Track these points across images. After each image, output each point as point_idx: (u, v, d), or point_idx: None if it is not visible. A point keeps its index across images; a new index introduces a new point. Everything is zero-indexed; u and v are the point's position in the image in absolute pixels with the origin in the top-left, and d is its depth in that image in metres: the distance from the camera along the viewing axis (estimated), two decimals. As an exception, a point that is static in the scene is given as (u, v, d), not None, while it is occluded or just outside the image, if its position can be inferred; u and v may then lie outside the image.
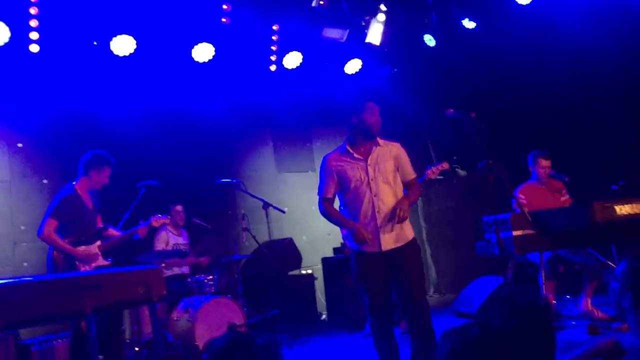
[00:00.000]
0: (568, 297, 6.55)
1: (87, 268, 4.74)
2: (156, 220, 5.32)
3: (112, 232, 5.08)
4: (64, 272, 4.62)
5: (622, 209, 4.59)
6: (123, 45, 6.21)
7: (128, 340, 5.56)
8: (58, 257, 4.68)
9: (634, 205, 4.65)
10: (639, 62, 6.75)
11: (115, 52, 6.22)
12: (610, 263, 5.41)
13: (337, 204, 4.28)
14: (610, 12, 6.68)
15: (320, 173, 4.20)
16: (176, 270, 6.32)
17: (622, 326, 4.72)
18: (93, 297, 3.18)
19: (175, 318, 5.65)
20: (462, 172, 6.88)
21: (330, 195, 4.13)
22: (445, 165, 5.78)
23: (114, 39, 6.18)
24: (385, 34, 7.08)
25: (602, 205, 4.56)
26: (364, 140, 4.08)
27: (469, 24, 7.31)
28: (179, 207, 6.41)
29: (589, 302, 5.52)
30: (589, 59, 7.07)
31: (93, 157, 4.88)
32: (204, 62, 6.80)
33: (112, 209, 5.39)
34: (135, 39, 6.22)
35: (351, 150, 4.09)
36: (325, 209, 4.15)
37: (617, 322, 4.94)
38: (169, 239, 6.36)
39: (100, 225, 5.00)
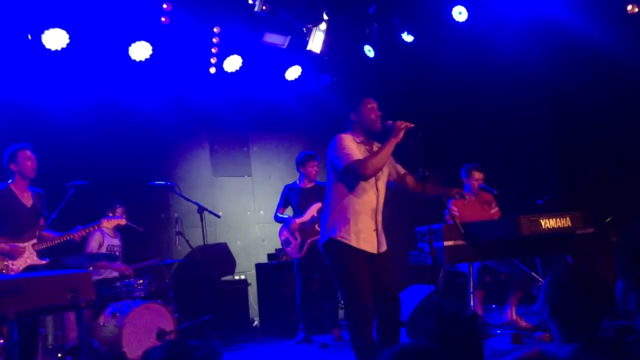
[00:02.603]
0: (493, 306, 6.79)
1: (15, 264, 4.58)
2: (108, 221, 5.18)
3: (46, 234, 4.93)
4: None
5: (547, 223, 4.82)
6: (55, 38, 5.97)
7: (50, 346, 5.32)
8: None
9: (558, 219, 4.89)
10: (565, 82, 7.10)
11: (47, 46, 5.99)
12: (534, 274, 5.65)
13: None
14: (541, 34, 7.00)
15: (341, 144, 3.90)
16: (105, 274, 6.11)
17: (544, 335, 4.93)
18: (17, 302, 3.04)
19: (101, 323, 5.46)
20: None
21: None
22: None
23: (45, 32, 5.94)
24: (326, 43, 7.14)
25: (528, 218, 4.78)
26: (366, 138, 4.04)
27: (407, 37, 7.47)
28: (122, 209, 6.18)
29: (514, 311, 5.74)
30: (519, 77, 7.38)
31: (5, 153, 4.84)
32: (141, 61, 6.64)
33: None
34: (68, 33, 6.00)
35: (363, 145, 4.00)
36: (364, 166, 3.79)
37: (539, 332, 5.15)
38: (103, 240, 6.15)
39: (42, 225, 4.88)
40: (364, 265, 3.84)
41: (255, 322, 7.31)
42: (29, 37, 5.88)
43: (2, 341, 4.63)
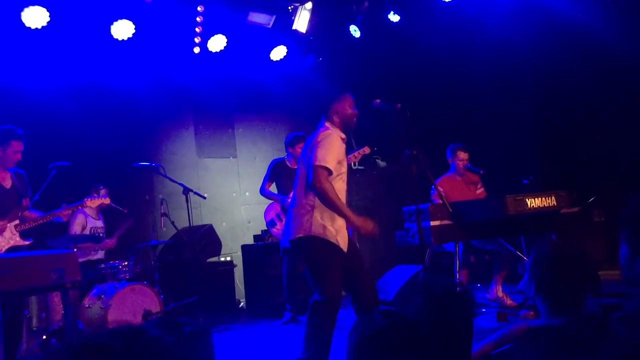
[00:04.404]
0: (479, 285, 6.85)
1: None
2: (92, 201, 5.08)
3: (31, 214, 4.84)
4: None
5: (532, 202, 4.84)
6: (35, 16, 5.85)
7: (35, 328, 5.27)
8: None
9: (543, 198, 4.92)
10: (550, 62, 7.11)
11: (27, 24, 5.86)
12: (519, 253, 5.70)
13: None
14: (526, 15, 6.99)
15: (330, 143, 3.76)
16: (90, 256, 6.06)
17: (529, 313, 4.98)
18: (1, 282, 2.99)
19: (87, 305, 5.42)
20: (382, 163, 7.00)
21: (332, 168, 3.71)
22: (367, 150, 5.87)
23: (25, 9, 5.81)
24: (311, 22, 7.07)
25: (514, 198, 4.79)
26: (344, 133, 3.98)
27: (393, 17, 7.42)
28: (105, 190, 6.11)
29: (499, 290, 5.78)
30: (505, 57, 7.38)
31: None
32: (123, 40, 6.52)
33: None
34: (48, 10, 5.88)
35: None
36: (328, 185, 3.66)
37: (524, 310, 5.21)
38: (86, 222, 6.08)
39: (25, 206, 4.77)
40: (340, 260, 3.85)
41: (242, 304, 7.31)
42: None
43: None
